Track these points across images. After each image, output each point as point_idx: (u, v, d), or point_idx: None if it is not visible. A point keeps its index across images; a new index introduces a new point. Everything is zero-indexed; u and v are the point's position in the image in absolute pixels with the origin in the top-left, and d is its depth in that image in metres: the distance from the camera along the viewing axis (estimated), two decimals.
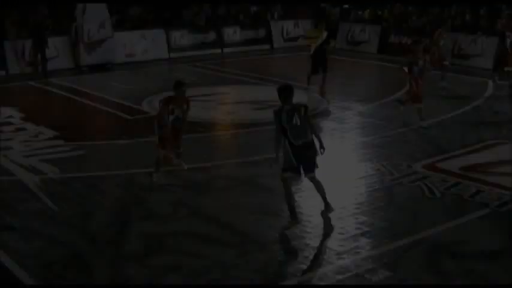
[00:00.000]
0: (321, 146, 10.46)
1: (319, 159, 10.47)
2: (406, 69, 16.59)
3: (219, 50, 29.63)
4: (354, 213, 10.89)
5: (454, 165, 13.42)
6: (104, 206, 11.42)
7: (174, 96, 12.32)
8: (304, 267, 9.16)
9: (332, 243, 9.88)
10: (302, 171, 10.39)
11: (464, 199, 11.67)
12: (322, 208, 10.72)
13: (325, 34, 20.71)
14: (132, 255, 9.51)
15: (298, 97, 19.51)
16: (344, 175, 12.88)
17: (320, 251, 9.64)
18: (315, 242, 9.94)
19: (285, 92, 10.49)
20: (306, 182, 12.23)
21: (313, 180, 10.54)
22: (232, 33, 30.21)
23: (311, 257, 9.45)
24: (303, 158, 10.27)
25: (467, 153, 14.37)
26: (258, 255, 9.51)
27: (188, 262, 9.24)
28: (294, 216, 10.51)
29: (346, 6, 34.00)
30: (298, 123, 10.20)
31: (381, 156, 13.96)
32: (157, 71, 25.85)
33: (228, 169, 13.51)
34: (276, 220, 10.72)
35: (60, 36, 25.94)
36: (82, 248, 9.74)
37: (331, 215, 10.60)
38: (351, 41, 30.87)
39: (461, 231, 10.41)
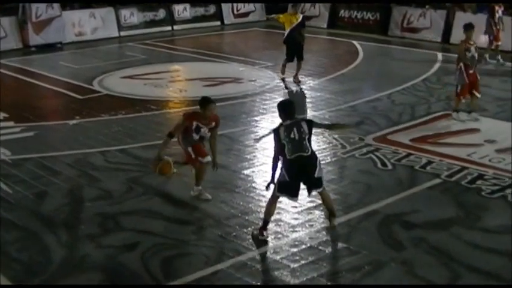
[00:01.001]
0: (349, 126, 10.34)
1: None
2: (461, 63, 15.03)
3: (169, 28, 29.47)
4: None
5: (404, 137, 13.63)
6: (57, 187, 11.35)
7: (200, 113, 10.68)
8: (259, 241, 9.24)
9: (286, 216, 9.99)
10: (306, 190, 9.50)
11: (415, 170, 11.89)
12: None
13: (300, 17, 19.29)
14: (88, 235, 9.51)
15: (251, 73, 19.80)
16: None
17: (274, 224, 9.73)
18: None
19: (287, 108, 9.58)
20: (259, 156, 12.40)
21: (320, 193, 9.66)
22: (182, 10, 30.02)
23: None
24: (297, 173, 9.26)
25: (417, 125, 14.60)
26: (213, 230, 9.59)
27: (144, 240, 9.29)
28: (264, 229, 9.40)
29: None
30: (296, 137, 9.22)
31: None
32: (108, 49, 25.65)
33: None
34: (231, 195, 10.81)
35: (8, 16, 25.52)
36: (37, 229, 9.72)
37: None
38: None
39: (413, 201, 10.61)
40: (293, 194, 9.35)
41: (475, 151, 12.80)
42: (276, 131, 9.40)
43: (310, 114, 15.62)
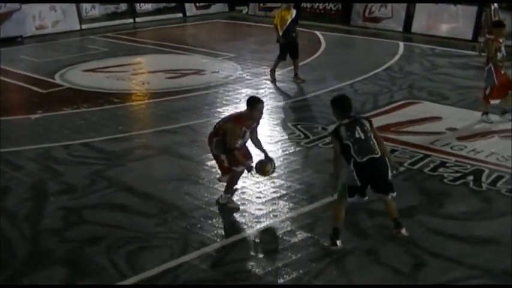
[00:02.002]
0: (393, 167, 9.00)
1: None
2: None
3: (131, 20, 29.31)
4: (271, 177, 11.02)
5: None
6: (20, 182, 11.26)
7: (248, 114, 9.83)
8: (224, 232, 9.28)
9: (250, 207, 10.03)
10: (371, 191, 8.84)
11: None
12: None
13: (294, 12, 18.22)
14: (52, 230, 9.46)
15: (214, 65, 19.77)
16: (260, 140, 12.97)
17: (239, 215, 9.77)
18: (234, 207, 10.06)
19: (343, 104, 8.85)
20: None
21: (384, 201, 9.01)
22: (143, 2, 29.88)
23: (230, 222, 9.59)
24: (370, 177, 8.62)
25: (380, 114, 14.69)
26: (178, 223, 9.59)
27: (109, 233, 9.26)
28: (336, 237, 8.83)
29: None
30: (363, 137, 8.52)
31: (296, 120, 14.16)
32: (69, 43, 25.44)
33: (145, 139, 13.47)
34: (195, 187, 10.80)
35: None
36: (0, 225, 9.63)
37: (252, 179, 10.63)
38: (264, 7, 30.85)
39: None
40: (363, 195, 8.74)
41: (437, 139, 12.93)
42: (335, 132, 8.61)
43: (273, 104, 15.67)
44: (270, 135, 13.29)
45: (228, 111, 14.91)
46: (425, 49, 22.59)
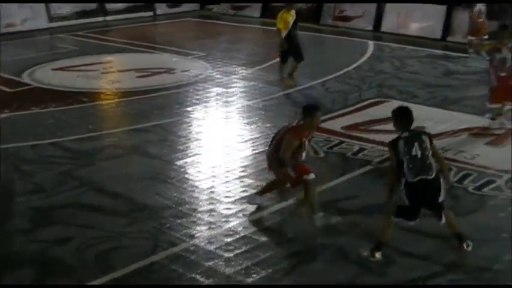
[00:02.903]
0: (448, 184, 8.77)
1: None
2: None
3: (102, 18, 29.12)
4: (240, 176, 11.07)
5: (336, 125, 13.77)
6: None
7: (307, 124, 9.38)
8: (193, 231, 9.28)
9: (219, 207, 10.03)
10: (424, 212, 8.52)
11: (347, 157, 12.05)
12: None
13: (294, 13, 17.65)
14: (21, 230, 9.40)
15: (184, 64, 19.74)
16: (229, 139, 13.04)
17: (208, 215, 9.77)
18: (202, 207, 10.07)
19: (407, 116, 8.48)
20: (192, 146, 12.41)
21: (445, 215, 8.58)
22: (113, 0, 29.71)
23: (199, 222, 9.59)
24: (419, 199, 8.27)
25: (349, 113, 14.77)
26: (147, 222, 9.56)
27: (78, 234, 9.21)
28: (378, 250, 8.56)
29: None
30: (419, 155, 8.16)
31: (265, 119, 14.19)
32: (38, 41, 25.23)
33: (115, 138, 13.41)
34: (165, 187, 10.78)
35: None
36: None
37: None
38: (234, 6, 30.82)
39: (346, 188, 10.76)
40: (411, 218, 8.40)
41: None
42: (393, 144, 8.34)
43: (243, 103, 15.68)
44: (240, 135, 13.32)
45: (197, 110, 14.95)
46: (395, 48, 22.69)
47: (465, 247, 8.60)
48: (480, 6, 20.91)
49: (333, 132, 13.27)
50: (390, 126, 13.39)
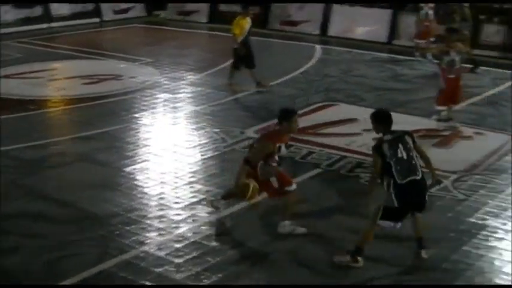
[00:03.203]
0: (435, 180, 8.76)
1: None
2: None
3: (47, 25, 28.78)
4: (189, 182, 11.06)
5: None
6: None
7: (285, 129, 9.26)
8: (143, 238, 9.23)
9: (169, 213, 9.99)
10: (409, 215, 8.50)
11: (296, 161, 12.10)
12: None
13: (250, 21, 17.47)
14: None
15: (131, 70, 19.61)
16: (178, 145, 13.00)
17: (157, 221, 9.73)
18: (152, 213, 10.02)
19: (387, 119, 8.57)
20: (140, 153, 12.35)
21: (415, 217, 8.63)
22: (58, 7, 29.37)
23: (149, 228, 9.53)
24: (409, 200, 8.29)
25: (297, 116, 14.79)
26: (96, 230, 9.47)
27: (26, 243, 9.09)
28: (358, 254, 8.49)
29: None
30: (405, 157, 8.22)
31: (213, 124, 14.19)
32: None
33: (62, 146, 13.26)
34: (112, 194, 10.70)
35: None
36: None
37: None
38: (181, 12, 30.73)
39: (295, 192, 10.76)
40: (397, 220, 8.35)
41: (354, 140, 13.13)
42: (378, 148, 8.37)
43: (191, 109, 15.66)
44: (188, 140, 13.30)
45: (145, 116, 14.87)
46: (342, 52, 22.90)
47: (423, 254, 8.61)
48: (427, 10, 21.21)
49: None
50: (338, 129, 13.72)
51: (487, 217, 9.87)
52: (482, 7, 22.01)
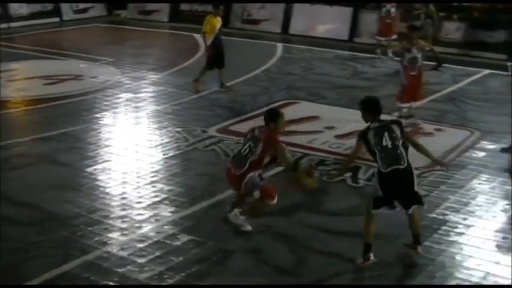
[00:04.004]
0: (436, 162, 8.98)
1: None
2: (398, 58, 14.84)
3: (5, 25, 28.45)
4: (151, 182, 11.02)
5: (247, 127, 13.74)
6: None
7: (275, 128, 9.19)
8: (105, 238, 9.18)
9: (131, 212, 9.95)
10: (403, 207, 8.33)
11: None
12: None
13: (220, 20, 17.46)
14: None
15: (92, 70, 19.48)
16: (140, 144, 12.95)
17: (120, 221, 9.68)
18: (114, 213, 9.96)
19: (375, 106, 8.53)
20: (102, 153, 12.29)
21: (410, 214, 8.48)
22: (18, 7, 29.08)
23: (111, 228, 9.48)
24: (392, 190, 8.22)
25: (259, 115, 14.81)
26: (58, 231, 9.40)
27: None
28: (368, 252, 8.46)
29: None
30: (389, 145, 8.17)
31: (175, 123, 14.17)
32: None
33: (23, 147, 13.10)
34: (74, 194, 10.61)
35: None
36: None
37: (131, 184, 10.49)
38: (142, 11, 30.60)
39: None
40: (391, 206, 8.26)
41: (316, 138, 13.18)
42: (363, 136, 8.34)
43: (153, 108, 15.61)
44: (150, 140, 13.25)
45: (106, 116, 14.78)
46: (303, 50, 23.00)
47: (418, 250, 8.59)
48: (389, 8, 21.37)
49: (243, 135, 13.22)
50: (300, 127, 13.74)
51: (448, 212, 9.98)
52: (442, 4, 22.21)
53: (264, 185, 9.13)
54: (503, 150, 12.59)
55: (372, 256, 8.41)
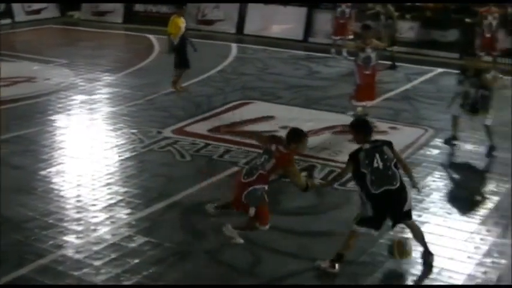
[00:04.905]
0: (414, 185, 8.68)
1: None
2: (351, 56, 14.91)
3: None
4: (106, 184, 10.95)
5: (202, 128, 13.86)
6: None
7: (294, 149, 8.66)
8: (61, 242, 9.09)
9: (87, 215, 9.86)
10: (389, 222, 8.38)
11: (213, 160, 12.12)
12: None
13: (184, 20, 17.52)
14: None
15: (46, 72, 19.27)
16: (95, 146, 12.86)
17: (75, 224, 9.60)
18: (69, 216, 9.86)
19: (366, 128, 8.49)
20: (56, 155, 12.18)
21: (410, 225, 8.60)
22: None
23: (67, 231, 9.39)
24: (384, 209, 8.18)
25: (214, 115, 14.88)
26: (12, 235, 9.27)
27: None
28: (338, 261, 8.39)
29: None
30: (381, 167, 8.09)
31: (130, 125, 14.09)
32: None
33: None
34: (28, 197, 10.49)
35: None
36: None
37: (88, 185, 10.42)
38: (96, 12, 30.37)
39: (213, 190, 10.81)
40: (376, 227, 8.24)
41: None
42: (354, 156, 8.23)
43: (107, 110, 15.51)
44: (105, 141, 13.16)
45: (61, 118, 14.65)
46: (258, 50, 23.05)
47: (430, 261, 8.58)
48: (344, 8, 21.54)
49: (198, 136, 13.34)
50: (255, 127, 13.76)
51: None
52: (395, 4, 22.39)
53: (261, 207, 8.75)
54: (446, 142, 13.07)
55: (337, 267, 8.32)
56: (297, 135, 8.59)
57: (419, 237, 8.60)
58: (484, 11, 19.61)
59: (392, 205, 8.19)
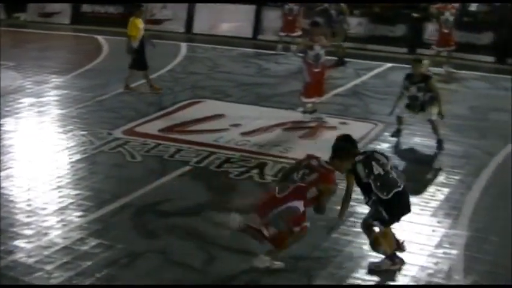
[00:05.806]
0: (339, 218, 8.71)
1: None
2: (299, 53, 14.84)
3: None
4: (57, 187, 10.84)
5: (153, 128, 13.82)
6: None
7: (336, 167, 8.19)
8: (11, 247, 8.95)
9: (37, 219, 9.74)
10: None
11: (164, 159, 12.10)
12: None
13: (142, 21, 17.42)
14: None
15: None
16: (44, 149, 12.74)
17: (26, 228, 9.48)
18: (19, 221, 9.73)
19: (352, 141, 8.26)
20: (5, 160, 12.04)
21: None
22: None
23: (17, 236, 9.25)
24: (400, 212, 8.37)
25: (164, 115, 14.85)
26: None
27: None
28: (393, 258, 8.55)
29: None
30: (382, 172, 8.13)
31: (80, 127, 13.97)
32: None
33: None
34: None
35: None
36: None
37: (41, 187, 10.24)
38: (43, 13, 30.06)
39: (164, 190, 10.81)
40: (388, 223, 8.37)
41: (222, 136, 13.23)
42: (352, 171, 8.20)
43: (57, 112, 15.36)
44: (55, 144, 13.04)
45: (9, 122, 14.44)
46: (208, 49, 23.06)
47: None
48: (291, 5, 21.66)
49: (149, 136, 13.30)
50: (206, 125, 13.78)
51: (354, 204, 10.03)
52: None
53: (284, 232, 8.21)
54: (392, 135, 13.27)
55: (399, 262, 8.52)
56: (343, 153, 8.06)
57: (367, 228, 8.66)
58: (442, 7, 19.75)
59: (405, 205, 8.39)
